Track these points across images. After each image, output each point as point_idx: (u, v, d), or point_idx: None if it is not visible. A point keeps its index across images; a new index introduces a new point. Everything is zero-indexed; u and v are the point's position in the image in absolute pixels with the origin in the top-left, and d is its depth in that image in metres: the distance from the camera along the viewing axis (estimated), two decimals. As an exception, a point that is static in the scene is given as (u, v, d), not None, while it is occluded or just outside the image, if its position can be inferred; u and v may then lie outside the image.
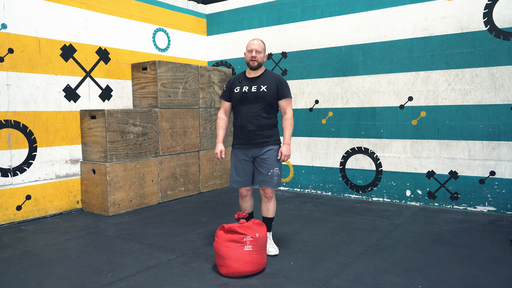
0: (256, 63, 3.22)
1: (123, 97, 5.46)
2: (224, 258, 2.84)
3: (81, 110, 4.90)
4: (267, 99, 3.21)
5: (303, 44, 5.69)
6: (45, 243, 3.66)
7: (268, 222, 3.33)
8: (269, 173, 3.22)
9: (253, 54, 3.20)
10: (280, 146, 3.32)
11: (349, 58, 5.30)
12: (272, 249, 3.28)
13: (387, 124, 5.06)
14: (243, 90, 3.24)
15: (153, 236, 3.82)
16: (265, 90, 3.21)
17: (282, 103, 3.28)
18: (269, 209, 3.32)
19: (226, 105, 3.42)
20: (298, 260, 3.15)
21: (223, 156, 3.34)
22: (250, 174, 3.31)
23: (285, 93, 3.26)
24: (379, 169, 5.15)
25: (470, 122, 4.53)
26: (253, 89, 3.22)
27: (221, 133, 3.39)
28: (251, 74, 3.30)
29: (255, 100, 3.21)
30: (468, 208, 4.60)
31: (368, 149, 5.22)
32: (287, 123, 3.28)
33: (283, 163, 5.81)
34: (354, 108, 5.28)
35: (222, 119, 3.42)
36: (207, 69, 5.99)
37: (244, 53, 3.31)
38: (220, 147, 3.34)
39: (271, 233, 3.41)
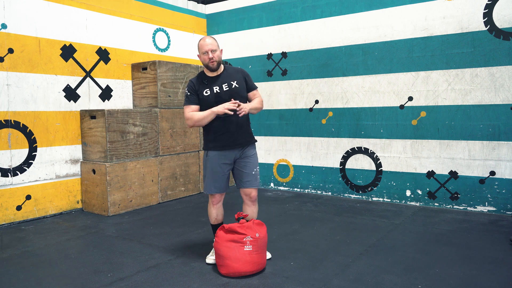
0: (215, 64, 2.99)
1: (123, 97, 5.46)
2: (224, 258, 2.84)
3: (81, 110, 4.90)
4: (242, 94, 3.06)
5: (303, 44, 5.69)
6: (45, 243, 3.66)
7: None
8: (253, 172, 3.13)
9: (210, 55, 2.95)
10: (254, 145, 3.21)
11: (349, 58, 5.30)
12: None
13: (387, 124, 5.06)
14: (215, 91, 3.01)
15: (153, 236, 3.82)
16: (236, 85, 3.05)
17: (253, 93, 3.15)
18: (254, 212, 3.22)
19: (194, 108, 3.05)
20: (298, 260, 3.15)
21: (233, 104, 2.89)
22: (227, 179, 3.14)
23: (253, 84, 3.17)
24: (379, 169, 5.15)
25: (470, 122, 4.53)
26: (225, 87, 3.03)
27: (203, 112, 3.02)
28: (212, 73, 3.08)
29: (230, 99, 2.99)
30: (468, 208, 4.60)
31: (368, 149, 5.22)
32: (258, 99, 3.11)
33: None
34: (354, 108, 5.28)
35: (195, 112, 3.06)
36: (207, 69, 5.98)
37: (198, 56, 3.05)
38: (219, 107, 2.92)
39: None
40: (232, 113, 2.90)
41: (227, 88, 3.04)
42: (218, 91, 3.02)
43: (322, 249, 3.40)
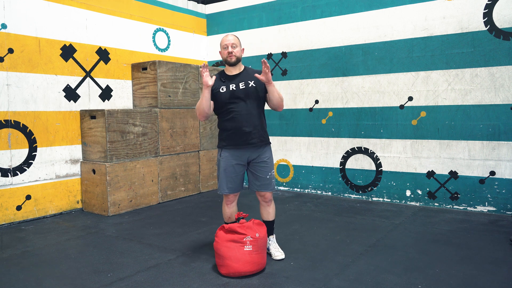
0: (234, 58, 3.04)
1: (123, 97, 5.45)
2: (224, 258, 2.84)
3: (81, 110, 4.90)
4: (259, 94, 3.07)
5: (303, 44, 5.69)
6: (45, 243, 3.66)
7: (270, 226, 3.25)
8: (268, 176, 3.13)
9: (229, 49, 3.02)
10: (270, 146, 3.21)
11: (349, 58, 5.30)
12: (278, 253, 3.18)
13: (387, 124, 5.06)
14: (231, 89, 3.04)
15: (153, 236, 3.82)
16: (253, 85, 3.05)
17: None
18: (270, 212, 3.24)
19: None
20: (298, 260, 3.15)
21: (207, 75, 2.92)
22: (241, 179, 3.15)
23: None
24: (379, 169, 5.15)
25: (470, 122, 4.53)
26: (241, 86, 3.03)
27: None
28: (232, 71, 3.11)
29: (246, 98, 3.03)
30: (468, 208, 4.60)
31: (368, 149, 5.22)
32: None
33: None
34: (354, 108, 5.28)
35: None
36: (207, 69, 5.98)
37: (219, 52, 3.12)
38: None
39: (274, 236, 3.34)
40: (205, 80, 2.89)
41: (244, 87, 3.05)
42: (234, 88, 3.05)
43: (322, 249, 3.40)
